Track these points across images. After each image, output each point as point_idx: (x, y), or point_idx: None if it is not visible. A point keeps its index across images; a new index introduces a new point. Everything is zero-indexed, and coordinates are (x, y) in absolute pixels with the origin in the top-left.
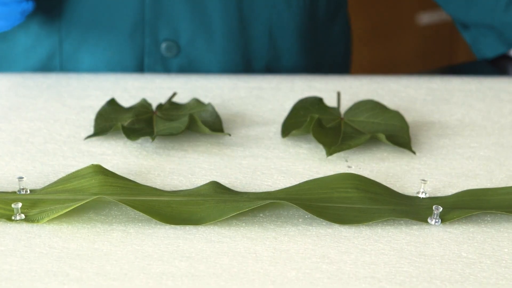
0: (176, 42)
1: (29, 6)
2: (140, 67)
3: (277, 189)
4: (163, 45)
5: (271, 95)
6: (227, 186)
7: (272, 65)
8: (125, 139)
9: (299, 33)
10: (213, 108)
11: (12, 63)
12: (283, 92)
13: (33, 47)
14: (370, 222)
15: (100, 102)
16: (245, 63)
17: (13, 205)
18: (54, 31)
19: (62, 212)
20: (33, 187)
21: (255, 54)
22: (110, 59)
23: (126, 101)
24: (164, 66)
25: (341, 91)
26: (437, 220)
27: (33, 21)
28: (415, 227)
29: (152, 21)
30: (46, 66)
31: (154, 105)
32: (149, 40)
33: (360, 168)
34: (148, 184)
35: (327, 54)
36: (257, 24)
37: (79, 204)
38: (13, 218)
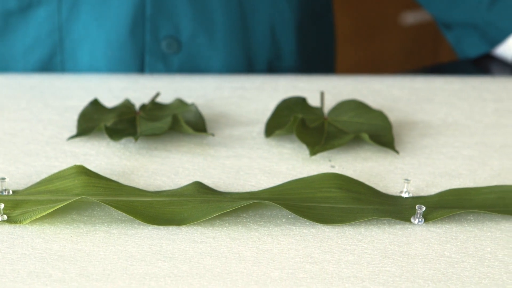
0: (177, 38)
1: None
2: (140, 64)
3: (261, 189)
4: (164, 42)
5: (255, 95)
6: (210, 186)
7: (274, 63)
8: (108, 139)
9: (298, 29)
10: (196, 108)
11: (13, 62)
12: (266, 92)
13: (33, 46)
14: (354, 222)
15: (83, 103)
16: (247, 60)
17: None
18: (54, 29)
19: (44, 213)
20: (15, 188)
21: (256, 51)
22: (111, 57)
23: (109, 102)
24: (164, 63)
25: (324, 91)
26: (420, 220)
27: (32, 21)
28: (398, 226)
29: (153, 17)
30: (48, 64)
31: (137, 106)
32: (149, 37)
33: (343, 168)
34: (131, 185)
35: (319, 53)
36: (258, 20)
37: (62, 204)
38: None
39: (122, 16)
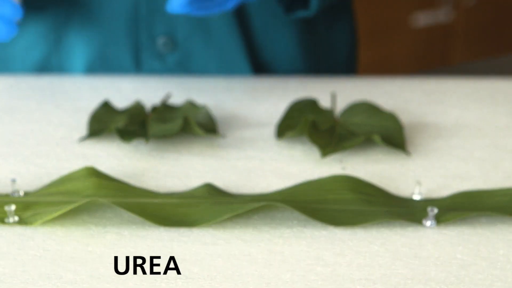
0: (172, 37)
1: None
2: (136, 63)
3: (272, 191)
4: (159, 41)
5: (266, 97)
6: (221, 188)
7: (272, 63)
8: (119, 141)
9: (297, 28)
10: (207, 110)
11: (9, 63)
12: (277, 93)
13: (30, 48)
14: (365, 224)
15: (93, 104)
16: (244, 59)
17: (6, 207)
18: (50, 29)
19: (55, 215)
20: (26, 189)
21: (253, 50)
22: (106, 56)
23: (120, 103)
24: (160, 62)
25: (336, 92)
26: (432, 222)
27: (29, 22)
28: (410, 229)
29: (147, 15)
30: (44, 65)
31: (148, 107)
32: (145, 35)
33: (354, 170)
34: (142, 186)
35: (328, 54)
36: (255, 18)
37: (73, 206)
38: (6, 220)
39: (117, 15)
